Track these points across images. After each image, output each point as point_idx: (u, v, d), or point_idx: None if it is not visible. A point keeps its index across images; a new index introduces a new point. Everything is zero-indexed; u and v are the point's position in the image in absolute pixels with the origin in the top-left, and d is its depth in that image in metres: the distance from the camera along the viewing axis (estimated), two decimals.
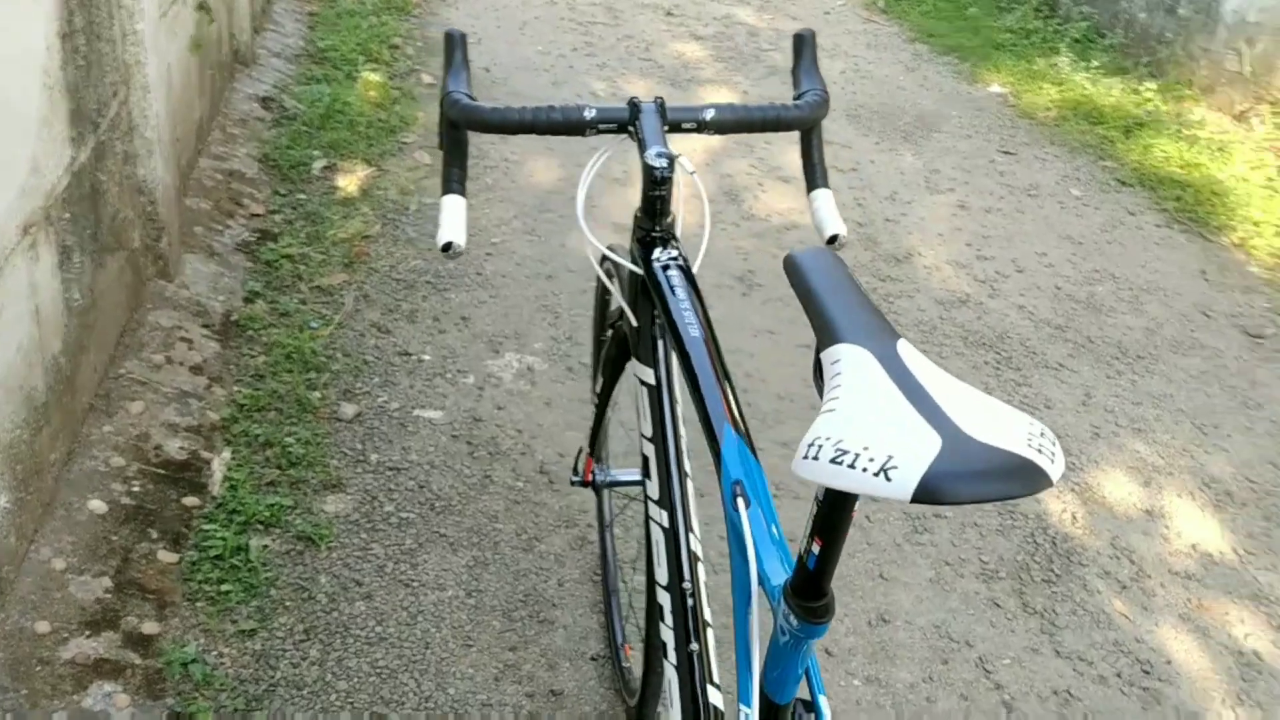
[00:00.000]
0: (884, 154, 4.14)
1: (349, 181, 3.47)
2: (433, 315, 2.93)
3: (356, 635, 2.00)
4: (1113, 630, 2.23)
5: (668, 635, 1.40)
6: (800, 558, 0.92)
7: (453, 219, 1.38)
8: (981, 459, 0.69)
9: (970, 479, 0.68)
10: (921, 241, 3.55)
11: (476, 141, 3.90)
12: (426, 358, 2.76)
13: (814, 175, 1.56)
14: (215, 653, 1.90)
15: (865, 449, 0.72)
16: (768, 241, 3.46)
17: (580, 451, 1.98)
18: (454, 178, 1.43)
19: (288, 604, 2.04)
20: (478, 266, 3.17)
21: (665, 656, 1.41)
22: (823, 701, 1.07)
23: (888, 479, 0.69)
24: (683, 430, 1.46)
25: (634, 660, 1.98)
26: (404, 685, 1.93)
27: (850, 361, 0.80)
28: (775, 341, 2.99)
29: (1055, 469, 0.71)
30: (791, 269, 0.91)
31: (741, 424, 1.17)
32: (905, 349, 0.82)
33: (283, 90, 3.88)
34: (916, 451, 0.70)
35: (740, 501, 1.08)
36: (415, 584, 2.13)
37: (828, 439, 0.74)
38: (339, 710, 1.86)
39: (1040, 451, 0.70)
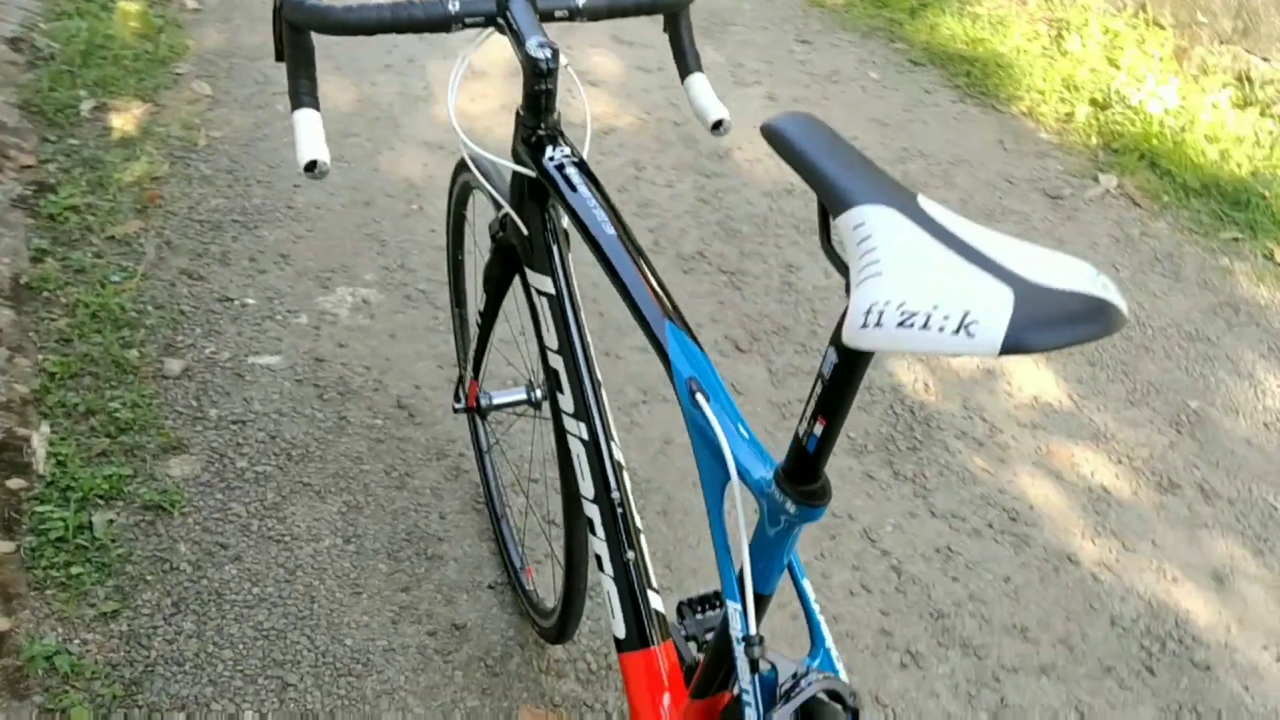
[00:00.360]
0: None
1: (124, 121, 3.14)
2: (248, 255, 2.71)
3: (232, 600, 1.85)
4: (978, 485, 2.33)
5: (600, 547, 1.35)
6: (797, 441, 0.88)
7: (310, 136, 1.23)
8: (1059, 304, 0.67)
9: (1053, 325, 0.65)
10: (740, 135, 3.54)
11: (254, 67, 3.61)
12: (250, 301, 2.56)
13: (686, 60, 1.49)
14: (78, 641, 1.72)
15: (935, 308, 0.67)
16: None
17: (460, 379, 1.87)
18: (303, 90, 1.27)
19: (148, 578, 1.86)
20: (287, 199, 2.94)
21: (601, 569, 1.36)
22: (806, 586, 1.05)
23: (970, 335, 0.66)
24: (589, 337, 1.39)
25: (537, 582, 1.92)
26: (296, 644, 1.80)
27: (879, 222, 0.75)
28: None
29: (1125, 305, 0.69)
30: (776, 138, 0.84)
31: (679, 318, 1.11)
32: (927, 204, 0.77)
33: (31, 29, 3.45)
34: (990, 304, 0.66)
35: (699, 397, 1.02)
36: (287, 538, 1.98)
37: (888, 303, 0.69)
38: (229, 679, 1.72)
39: (1107, 289, 0.68)
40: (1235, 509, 2.34)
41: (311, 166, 1.20)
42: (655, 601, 1.35)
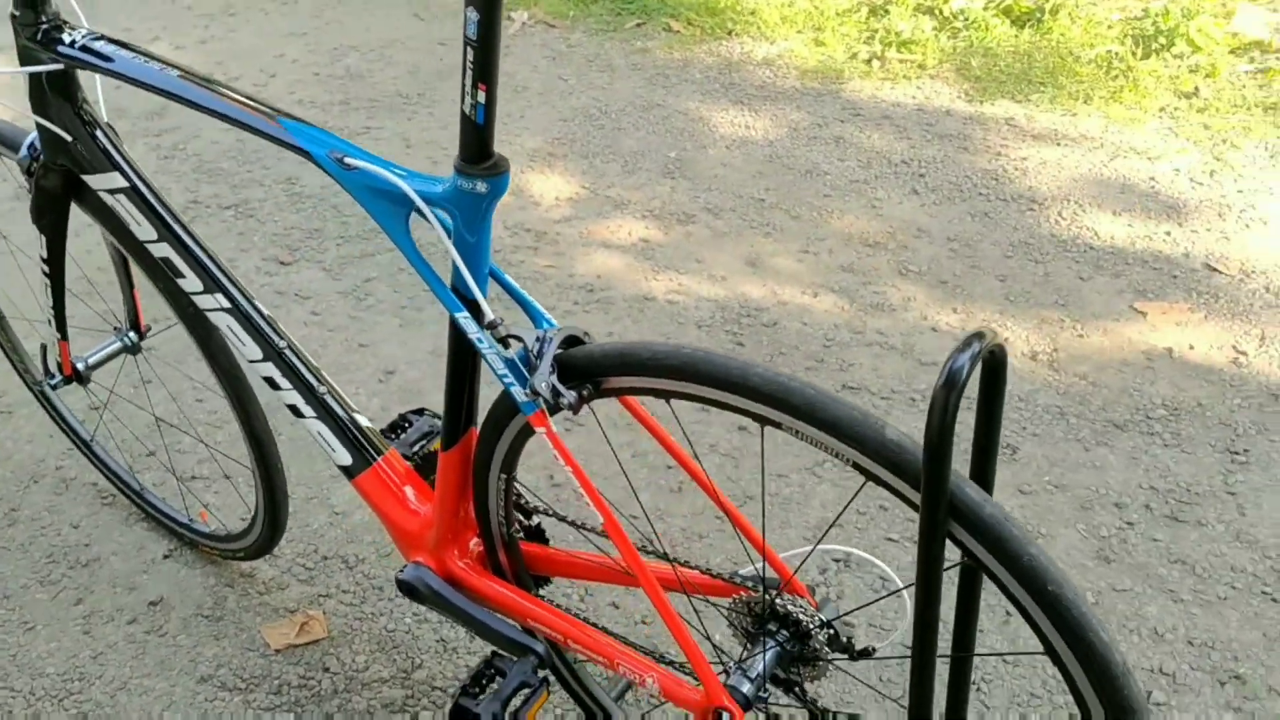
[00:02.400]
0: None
1: None
2: None
3: None
4: (550, 281, 2.56)
5: (292, 397, 1.38)
6: (466, 120, 0.99)
7: None
8: None
9: None
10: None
11: None
12: None
13: None
14: None
15: None
16: None
17: (45, 347, 1.72)
18: None
19: None
20: None
21: (301, 415, 1.39)
22: (509, 279, 1.17)
23: None
24: (181, 216, 1.37)
25: (217, 518, 1.87)
26: None
27: None
28: None
29: None
30: None
31: (285, 113, 1.16)
32: None
33: None
34: None
35: (348, 160, 1.09)
36: None
37: None
38: None
39: None
40: (737, 212, 2.79)
41: None
42: (362, 420, 1.41)
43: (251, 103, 1.17)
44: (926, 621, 0.93)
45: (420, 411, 1.51)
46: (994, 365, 0.89)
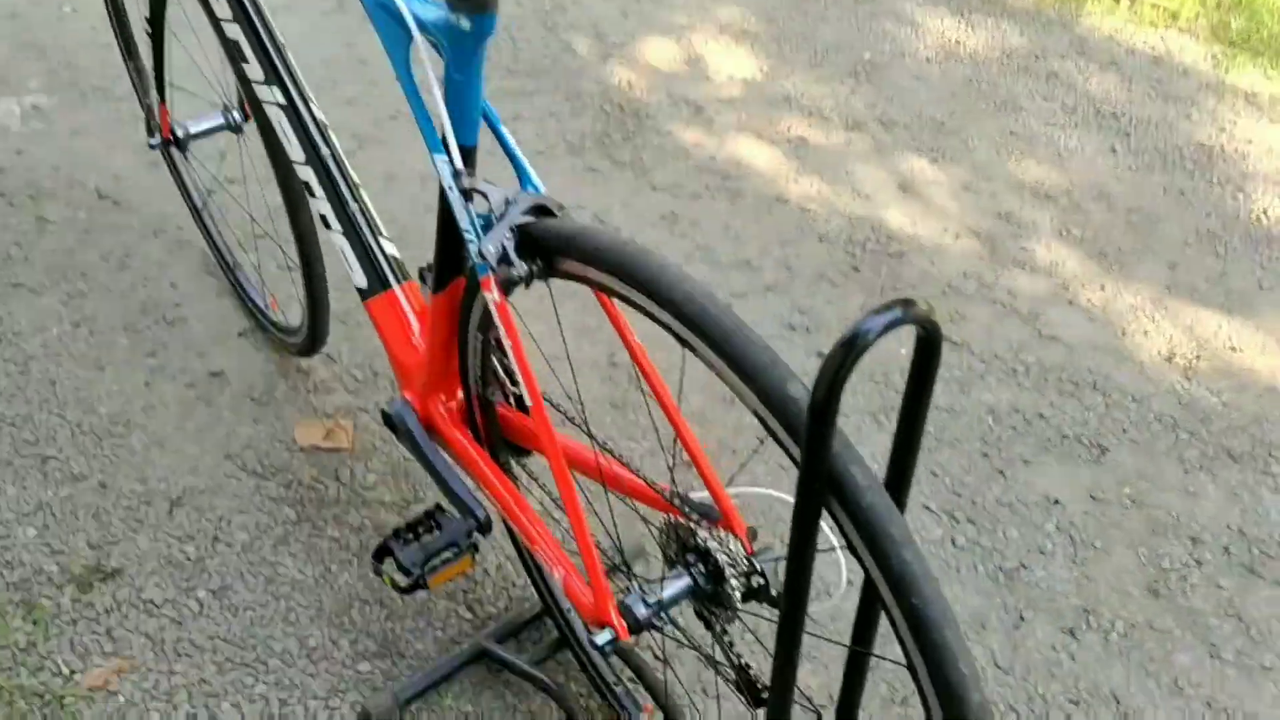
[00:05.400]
0: None
1: None
2: None
3: None
4: (690, 159, 2.47)
5: (323, 207, 1.38)
6: None
7: None
8: None
9: None
10: None
11: None
12: None
13: None
14: None
15: None
16: None
17: (147, 109, 1.80)
18: None
19: None
20: None
21: (328, 227, 1.39)
22: (504, 130, 1.12)
23: None
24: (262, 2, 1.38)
25: (285, 309, 1.94)
26: (45, 423, 1.76)
27: None
28: None
29: None
30: None
31: None
32: None
33: None
34: None
35: None
36: (9, 336, 1.90)
37: None
38: None
39: None
40: (910, 131, 2.59)
41: None
42: (389, 247, 1.41)
43: None
44: (794, 595, 0.86)
45: None
46: (927, 344, 0.78)
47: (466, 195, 1.05)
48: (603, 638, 1.05)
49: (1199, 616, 1.59)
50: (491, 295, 1.04)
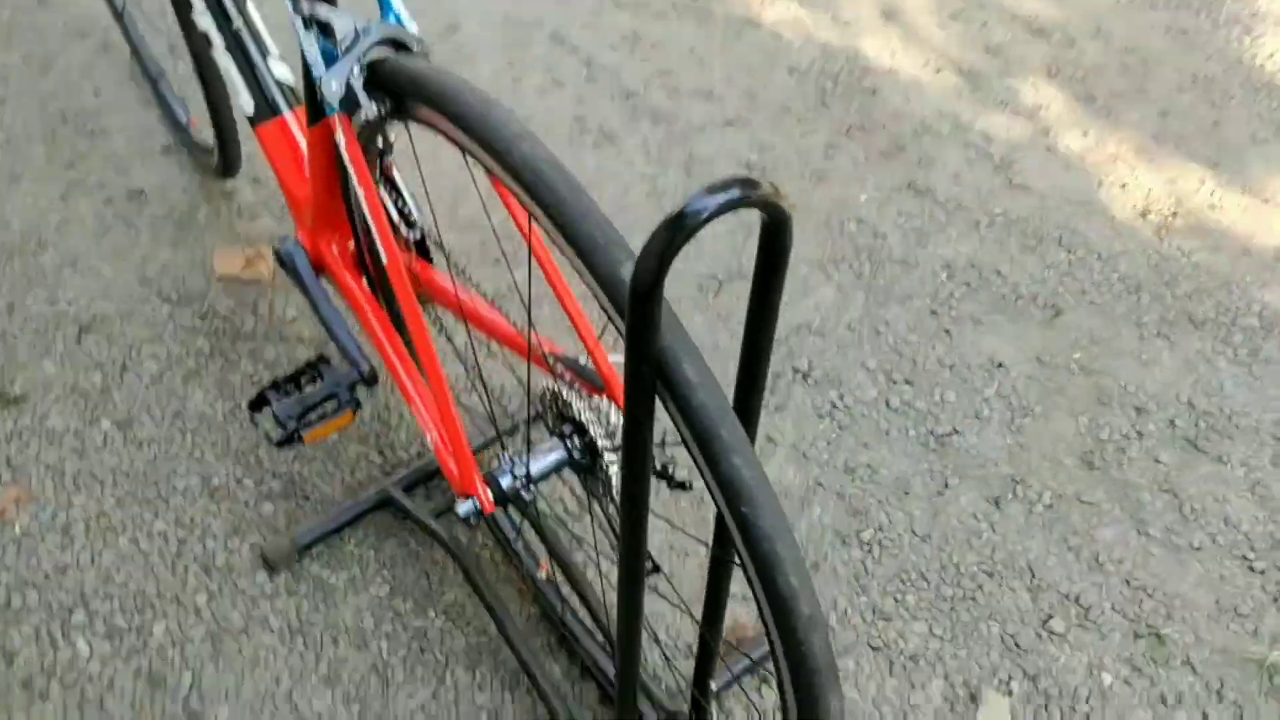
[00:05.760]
0: None
1: None
2: None
3: None
4: None
5: (205, 22, 1.27)
6: None
7: None
8: None
9: None
10: None
11: None
12: None
13: None
14: None
15: None
16: None
17: None
18: None
19: None
20: None
21: (210, 45, 1.28)
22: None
23: None
24: None
25: (203, 129, 1.83)
26: None
27: None
28: None
29: None
30: None
31: None
32: None
33: None
34: None
35: None
36: None
37: None
38: None
39: None
40: None
41: None
42: (279, 70, 1.30)
43: None
44: (633, 495, 0.80)
45: None
46: (774, 230, 0.68)
47: (307, 23, 0.93)
48: (465, 508, 1.01)
49: (1131, 490, 1.54)
50: (338, 135, 0.94)
